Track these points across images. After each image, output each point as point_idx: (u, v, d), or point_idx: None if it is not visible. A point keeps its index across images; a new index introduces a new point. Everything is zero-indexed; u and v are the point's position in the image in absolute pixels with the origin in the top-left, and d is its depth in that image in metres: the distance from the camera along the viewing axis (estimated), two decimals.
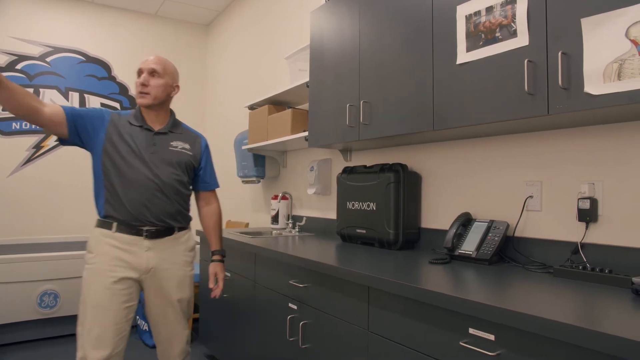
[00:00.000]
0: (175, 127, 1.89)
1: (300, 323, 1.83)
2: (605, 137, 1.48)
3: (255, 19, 3.97)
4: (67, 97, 4.26)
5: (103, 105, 4.39)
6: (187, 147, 1.87)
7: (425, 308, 1.28)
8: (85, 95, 4.36)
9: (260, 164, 3.38)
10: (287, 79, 3.35)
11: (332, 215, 2.84)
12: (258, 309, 2.23)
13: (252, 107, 3.35)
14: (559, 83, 1.26)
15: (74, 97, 4.30)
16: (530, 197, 1.68)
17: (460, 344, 1.16)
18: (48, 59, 4.21)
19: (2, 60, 4.03)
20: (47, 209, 4.17)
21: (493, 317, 1.06)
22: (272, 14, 3.69)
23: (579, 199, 1.51)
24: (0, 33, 4.04)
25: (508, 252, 1.74)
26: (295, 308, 1.90)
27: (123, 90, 4.56)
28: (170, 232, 1.81)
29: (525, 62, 1.35)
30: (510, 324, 1.02)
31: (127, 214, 1.72)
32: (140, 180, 1.73)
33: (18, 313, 3.13)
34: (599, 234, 1.48)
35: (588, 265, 1.39)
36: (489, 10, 1.48)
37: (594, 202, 1.48)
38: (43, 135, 4.18)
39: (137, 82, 1.79)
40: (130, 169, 1.73)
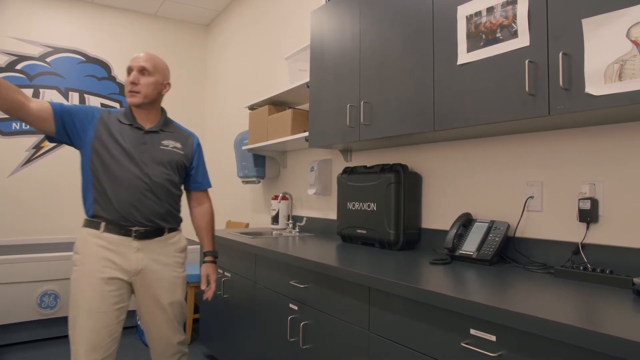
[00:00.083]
0: (167, 125, 1.85)
1: (301, 323, 1.83)
2: (606, 137, 1.48)
3: (255, 19, 3.97)
4: (67, 97, 4.26)
5: (103, 106, 4.39)
6: (178, 146, 1.83)
7: (426, 309, 1.28)
8: (85, 96, 4.35)
9: (261, 164, 3.38)
10: (287, 79, 3.35)
11: (332, 216, 2.84)
12: (258, 310, 2.23)
13: (252, 107, 3.35)
14: (560, 83, 1.26)
15: (74, 97, 4.30)
16: (531, 197, 1.68)
17: (462, 345, 1.16)
18: (48, 59, 4.21)
19: (2, 61, 4.03)
20: (47, 209, 4.17)
21: (494, 317, 1.06)
22: (272, 14, 3.68)
23: (580, 200, 1.51)
24: (0, 33, 4.04)
25: (509, 252, 1.74)
26: (296, 308, 1.90)
27: (123, 91, 4.56)
28: (160, 233, 1.77)
29: (526, 62, 1.35)
30: (512, 325, 1.02)
31: (115, 214, 1.68)
32: (130, 180, 1.69)
33: (18, 313, 3.13)
34: (600, 235, 1.48)
35: (589, 266, 1.39)
36: (490, 11, 1.48)
37: (595, 202, 1.48)
38: (43, 136, 4.17)
39: (126, 80, 1.75)
40: (120, 168, 1.69)
